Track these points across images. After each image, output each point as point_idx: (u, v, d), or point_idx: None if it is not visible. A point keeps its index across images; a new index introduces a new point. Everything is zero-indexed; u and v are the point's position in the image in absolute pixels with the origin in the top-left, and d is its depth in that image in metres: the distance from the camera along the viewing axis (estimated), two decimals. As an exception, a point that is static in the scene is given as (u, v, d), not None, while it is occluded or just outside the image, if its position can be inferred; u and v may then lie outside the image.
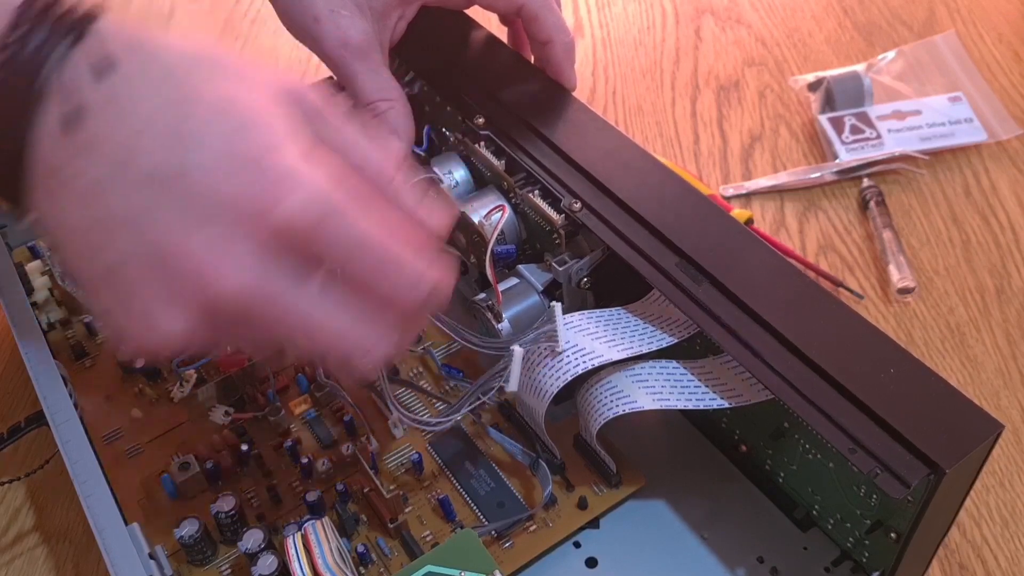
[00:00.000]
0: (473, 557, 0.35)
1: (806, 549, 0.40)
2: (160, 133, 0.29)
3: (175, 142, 0.29)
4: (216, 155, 0.29)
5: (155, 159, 0.29)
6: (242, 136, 0.30)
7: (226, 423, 0.45)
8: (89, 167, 0.29)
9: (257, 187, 0.29)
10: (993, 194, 0.60)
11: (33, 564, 0.44)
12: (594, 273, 0.42)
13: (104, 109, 0.29)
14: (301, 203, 0.29)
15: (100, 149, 0.29)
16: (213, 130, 0.29)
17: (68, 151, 0.29)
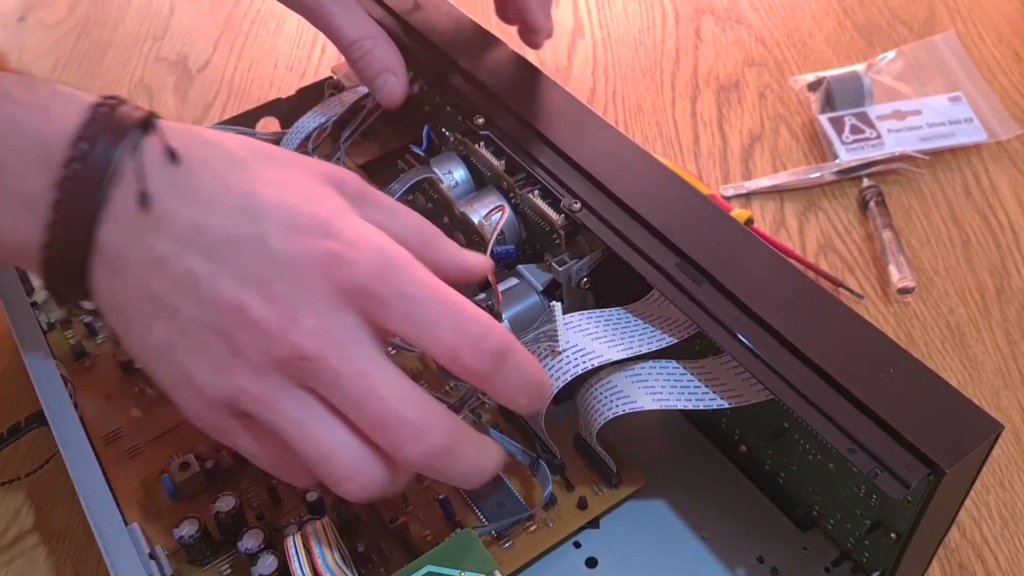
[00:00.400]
0: (473, 557, 0.35)
1: (806, 549, 0.40)
2: (229, 208, 0.31)
3: (246, 215, 0.31)
4: (284, 223, 0.31)
5: (225, 230, 0.31)
6: (305, 207, 0.32)
7: (226, 423, 0.45)
8: (158, 242, 0.31)
9: (325, 243, 0.31)
10: (993, 194, 0.60)
11: (33, 564, 0.44)
12: (594, 273, 0.42)
13: (174, 189, 0.31)
14: (365, 253, 0.31)
15: (171, 225, 0.31)
16: (278, 204, 0.32)
17: (139, 229, 0.31)
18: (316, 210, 0.32)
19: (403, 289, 0.31)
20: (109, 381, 0.48)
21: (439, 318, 0.32)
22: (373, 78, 0.47)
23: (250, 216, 0.31)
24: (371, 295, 0.31)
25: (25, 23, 0.80)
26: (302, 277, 0.31)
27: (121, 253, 0.31)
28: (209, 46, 0.77)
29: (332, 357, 0.31)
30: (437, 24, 0.52)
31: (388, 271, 0.31)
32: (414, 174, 0.48)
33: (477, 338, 0.32)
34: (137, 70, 0.75)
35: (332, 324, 0.31)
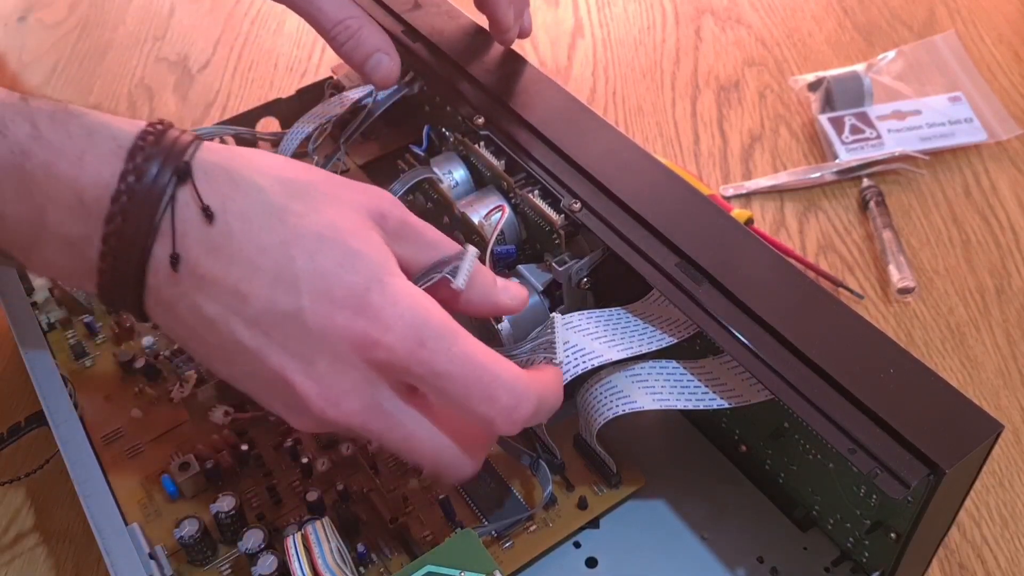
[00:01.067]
0: (473, 557, 0.35)
1: (806, 549, 0.40)
2: (268, 275, 0.32)
3: (283, 285, 0.32)
4: (320, 295, 0.32)
5: (265, 301, 0.32)
6: (342, 275, 0.32)
7: (226, 423, 0.45)
8: (203, 304, 0.32)
9: (360, 323, 0.32)
10: (993, 194, 0.60)
11: (33, 564, 0.44)
12: (594, 273, 0.42)
13: (211, 251, 0.31)
14: (399, 334, 0.32)
15: (211, 290, 0.32)
16: (314, 272, 0.32)
17: (178, 288, 0.32)
18: (352, 280, 0.32)
19: (436, 368, 0.32)
20: (109, 381, 0.48)
21: (471, 394, 0.33)
22: (364, 60, 0.46)
23: (288, 287, 0.32)
24: (406, 372, 0.33)
25: (25, 23, 0.80)
26: (340, 356, 0.32)
27: (171, 303, 0.33)
28: (209, 46, 0.77)
29: (375, 428, 0.33)
30: (437, 24, 0.52)
31: (421, 352, 0.32)
32: (414, 174, 0.48)
33: (510, 410, 0.33)
34: (137, 70, 0.75)
35: (372, 398, 0.33)
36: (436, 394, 0.33)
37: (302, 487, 0.43)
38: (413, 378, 0.33)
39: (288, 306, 0.32)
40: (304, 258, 0.32)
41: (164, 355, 0.48)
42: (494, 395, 0.33)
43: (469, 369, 0.32)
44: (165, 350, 0.48)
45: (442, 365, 0.32)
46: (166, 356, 0.48)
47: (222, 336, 0.32)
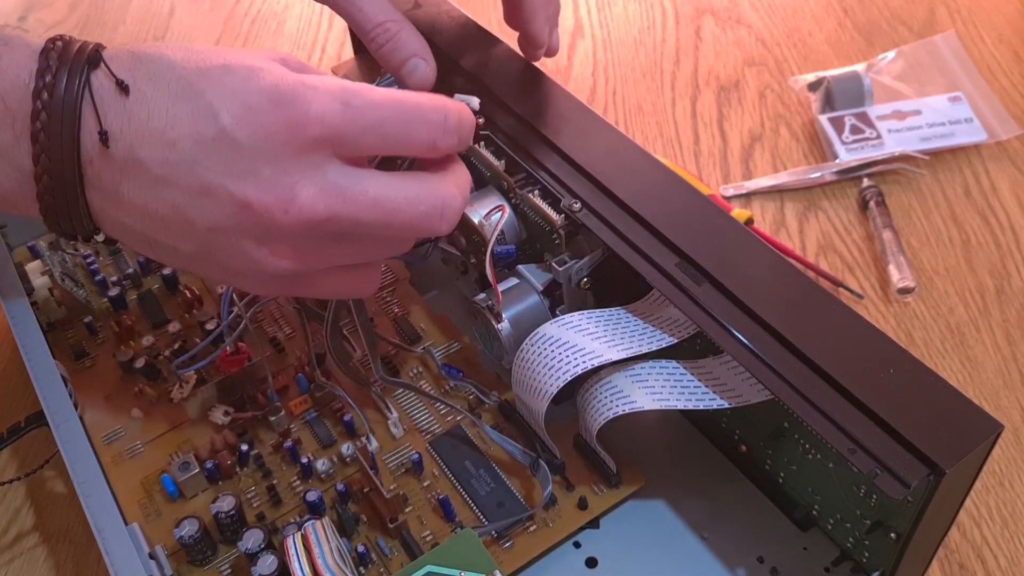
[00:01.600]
0: (473, 557, 0.35)
1: (806, 549, 0.40)
2: (186, 115, 0.33)
3: (202, 116, 0.33)
4: (238, 107, 0.33)
5: (191, 138, 0.32)
6: (250, 81, 0.33)
7: (226, 423, 0.45)
8: (141, 172, 0.33)
9: (283, 112, 0.33)
10: (993, 194, 0.60)
11: (33, 564, 0.44)
12: (594, 273, 0.42)
13: (131, 120, 0.33)
14: (322, 103, 0.33)
15: (144, 153, 0.33)
16: (224, 92, 0.33)
17: (115, 167, 0.33)
18: (261, 84, 0.33)
19: (368, 117, 0.34)
20: (109, 381, 0.48)
21: (409, 124, 0.35)
22: (401, 63, 0.46)
23: (206, 115, 0.32)
24: (344, 136, 0.34)
25: (25, 23, 0.80)
26: (277, 152, 0.33)
27: (113, 191, 0.33)
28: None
29: (342, 209, 0.34)
30: (437, 24, 0.51)
31: (348, 111, 0.33)
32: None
33: (441, 123, 0.35)
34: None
35: (324, 180, 0.33)
36: (378, 145, 0.35)
37: (302, 487, 0.43)
38: (351, 140, 0.34)
39: (212, 131, 0.32)
40: (213, 86, 0.33)
41: (164, 355, 0.48)
42: (424, 116, 0.35)
43: (396, 106, 0.34)
44: (165, 350, 0.48)
45: (372, 113, 0.34)
46: (166, 356, 0.48)
47: (170, 197, 0.33)
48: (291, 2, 0.82)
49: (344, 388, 0.46)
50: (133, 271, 0.52)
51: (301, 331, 0.49)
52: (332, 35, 0.77)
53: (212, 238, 0.34)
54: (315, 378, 0.46)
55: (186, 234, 0.34)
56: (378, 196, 0.34)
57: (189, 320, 0.50)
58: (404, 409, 0.46)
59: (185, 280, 0.52)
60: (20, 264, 0.51)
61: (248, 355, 0.46)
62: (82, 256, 0.53)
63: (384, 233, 0.36)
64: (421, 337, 0.49)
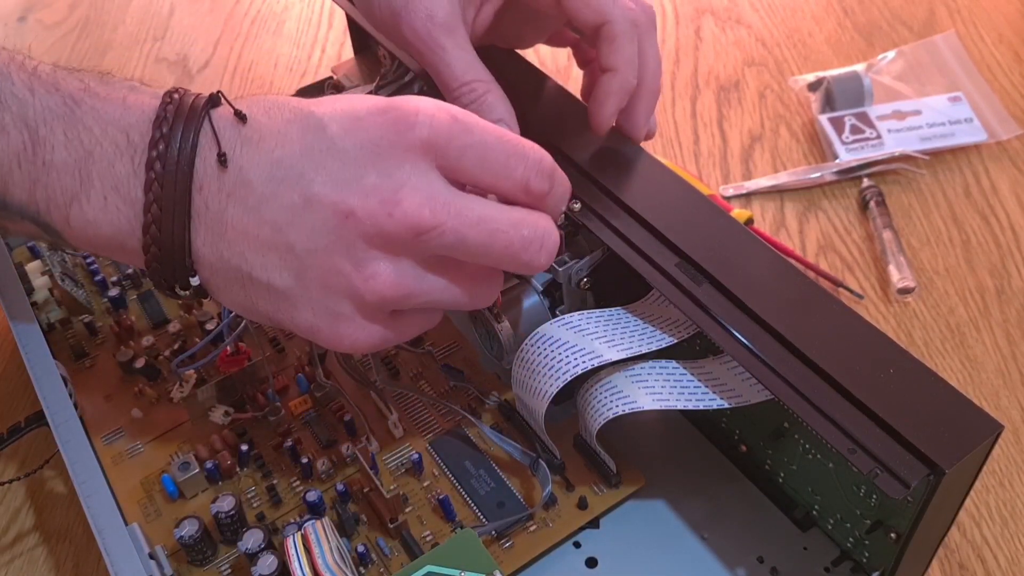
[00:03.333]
0: (473, 557, 0.35)
1: (806, 549, 0.40)
2: (296, 134, 0.34)
3: (310, 132, 0.34)
4: (346, 121, 0.34)
5: (299, 149, 0.33)
6: (360, 100, 0.34)
7: (226, 423, 0.45)
8: (248, 193, 0.33)
9: (390, 116, 0.33)
10: (993, 194, 0.60)
11: (33, 564, 0.44)
12: (594, 273, 0.42)
13: (246, 142, 0.34)
14: (431, 109, 0.34)
15: (252, 171, 0.33)
16: (335, 110, 0.34)
17: (225, 188, 0.33)
18: (370, 100, 0.34)
19: (474, 136, 0.34)
20: (109, 381, 0.48)
21: (510, 155, 0.35)
22: None
23: (315, 129, 0.33)
24: (448, 148, 0.34)
25: (25, 23, 0.80)
26: (382, 156, 0.33)
27: (218, 217, 0.33)
28: (209, 46, 0.77)
29: (447, 220, 0.33)
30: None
31: (456, 124, 0.34)
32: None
33: (538, 165, 0.35)
34: (137, 70, 0.75)
35: (430, 188, 0.33)
36: (478, 165, 0.34)
37: (302, 487, 0.43)
38: (454, 155, 0.34)
39: (319, 143, 0.33)
40: (323, 107, 0.34)
41: (164, 355, 0.48)
42: (524, 153, 0.35)
43: (500, 134, 0.35)
44: (165, 350, 0.48)
45: (477, 133, 0.34)
46: (166, 356, 0.48)
47: (273, 217, 0.33)
48: (291, 2, 0.82)
49: (344, 388, 0.46)
50: (133, 271, 0.52)
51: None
52: (332, 35, 0.77)
53: (310, 263, 0.34)
54: (315, 378, 0.46)
55: (284, 262, 0.34)
56: (483, 214, 0.34)
57: (189, 320, 0.50)
58: (404, 409, 0.46)
59: (185, 280, 0.52)
60: (20, 264, 0.51)
61: (248, 355, 0.46)
62: (82, 256, 0.53)
63: (485, 255, 0.35)
64: (421, 337, 0.49)
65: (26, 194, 0.34)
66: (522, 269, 0.36)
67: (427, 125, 0.33)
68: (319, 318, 0.35)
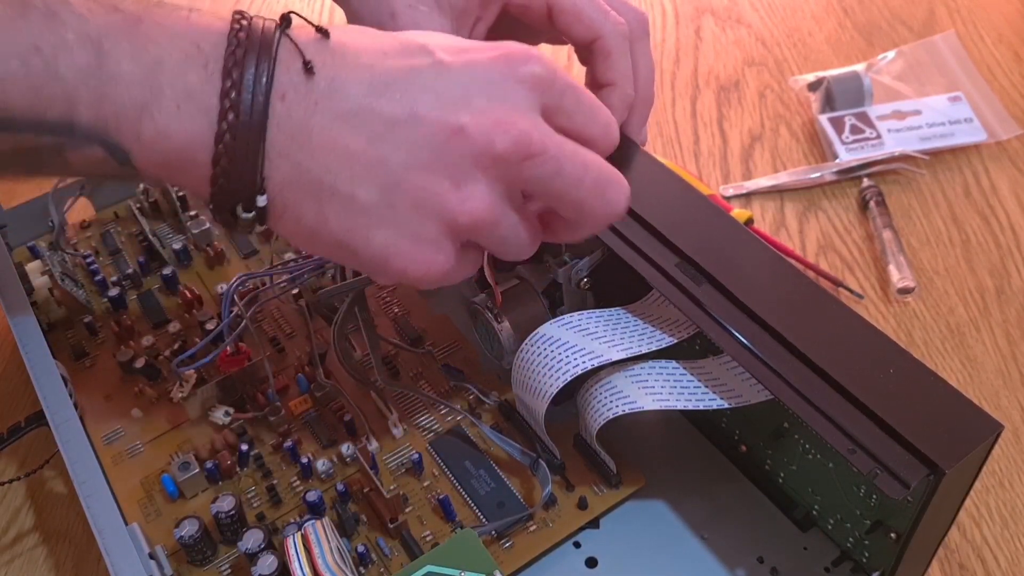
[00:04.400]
0: (473, 557, 0.35)
1: (806, 549, 0.40)
2: (393, 50, 0.33)
3: (409, 50, 0.33)
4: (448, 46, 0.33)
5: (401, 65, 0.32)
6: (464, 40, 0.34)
7: (226, 423, 0.45)
8: (340, 102, 0.32)
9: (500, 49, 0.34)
10: (993, 194, 0.60)
11: (33, 564, 0.44)
12: (594, 273, 0.42)
13: (334, 54, 0.32)
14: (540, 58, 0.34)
15: (346, 83, 0.32)
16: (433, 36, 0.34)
17: (312, 98, 0.31)
18: (467, 39, 0.34)
19: (571, 82, 0.35)
20: (109, 381, 0.48)
21: (594, 102, 0.35)
22: None
23: (419, 51, 0.32)
24: (553, 87, 0.34)
25: (25, 23, 0.80)
26: (494, 84, 0.33)
27: (302, 125, 0.32)
28: (209, 46, 0.77)
29: (551, 147, 0.33)
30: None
31: (559, 72, 0.34)
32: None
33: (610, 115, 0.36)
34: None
35: (536, 120, 0.33)
36: (575, 107, 0.35)
37: (302, 487, 0.43)
38: (555, 97, 0.34)
39: (423, 62, 0.32)
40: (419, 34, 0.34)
41: (164, 355, 0.48)
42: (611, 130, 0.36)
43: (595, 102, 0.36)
44: (165, 350, 0.48)
45: (571, 80, 0.34)
46: (166, 356, 0.48)
47: (369, 128, 0.32)
48: (291, 2, 0.81)
49: (344, 388, 0.46)
50: (133, 271, 0.52)
51: (302, 331, 0.49)
52: (332, 35, 0.77)
53: (403, 178, 0.32)
54: (315, 378, 0.46)
55: (373, 175, 0.32)
56: (577, 149, 0.34)
57: (189, 320, 0.50)
58: (404, 409, 0.46)
59: (185, 280, 0.52)
60: (20, 264, 0.51)
61: (248, 355, 0.46)
62: (82, 256, 0.53)
63: (576, 187, 0.34)
64: (421, 337, 0.49)
65: (94, 112, 0.31)
66: (604, 207, 0.35)
67: (539, 62, 0.33)
68: (400, 238, 0.33)
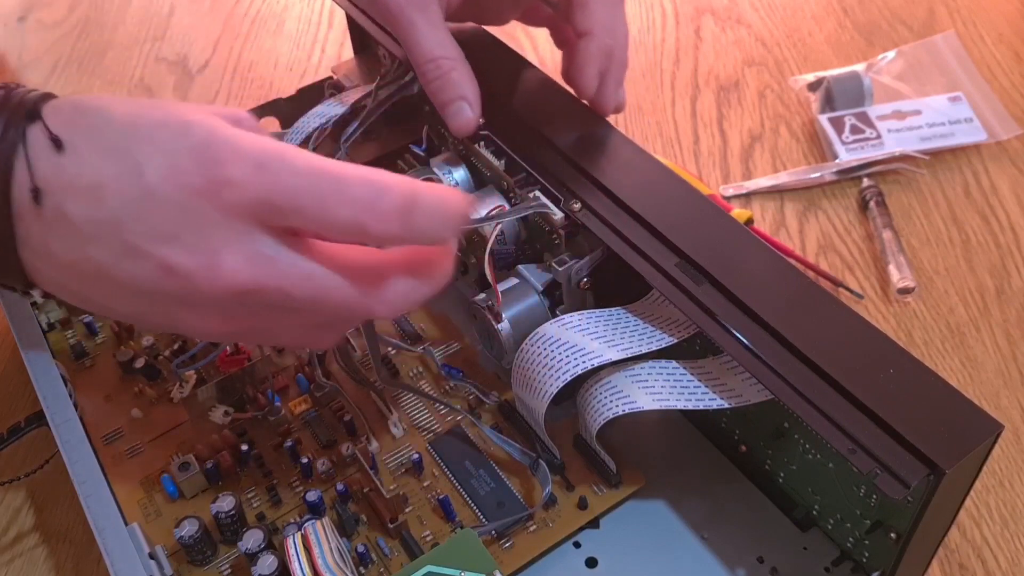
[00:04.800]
0: (473, 557, 0.35)
1: (806, 549, 0.40)
2: (114, 170, 0.32)
3: (128, 173, 0.32)
4: (164, 166, 0.31)
5: (117, 194, 0.32)
6: (180, 139, 0.32)
7: (226, 423, 0.45)
8: (70, 228, 0.32)
9: (204, 173, 0.31)
10: (993, 194, 0.60)
11: (33, 564, 0.44)
12: (594, 273, 0.42)
13: (62, 174, 0.32)
14: (237, 166, 0.31)
15: (73, 208, 0.32)
16: (156, 145, 0.32)
17: (46, 224, 0.32)
18: (190, 141, 0.32)
19: (283, 186, 0.31)
20: (109, 381, 0.48)
21: (327, 201, 0.31)
22: (446, 103, 0.45)
23: (132, 174, 0.31)
24: (264, 204, 0.31)
25: (25, 23, 0.80)
26: (200, 216, 0.31)
27: (43, 246, 0.33)
28: (209, 46, 0.77)
29: (269, 280, 0.32)
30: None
31: (263, 176, 0.31)
32: (415, 174, 0.48)
33: (372, 203, 0.31)
34: (137, 70, 0.75)
35: (250, 249, 0.32)
36: (297, 216, 0.32)
37: (302, 487, 0.43)
38: (274, 209, 0.31)
39: (137, 190, 0.31)
40: (143, 144, 0.32)
41: (164, 355, 0.48)
42: (346, 192, 0.31)
43: (315, 177, 0.31)
44: (165, 350, 0.48)
45: (288, 181, 0.31)
46: (166, 356, 0.48)
47: (97, 256, 0.32)
48: (291, 2, 0.82)
49: (344, 388, 0.46)
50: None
51: (301, 331, 0.49)
52: (332, 35, 0.77)
53: (141, 300, 0.33)
54: (315, 378, 0.46)
55: (116, 295, 0.34)
56: (311, 271, 0.32)
57: (189, 320, 0.50)
58: (404, 409, 0.46)
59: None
60: (20, 264, 0.51)
61: (248, 355, 0.46)
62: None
63: (317, 311, 0.34)
64: (421, 337, 0.49)
65: None
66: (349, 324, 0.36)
67: (231, 185, 0.31)
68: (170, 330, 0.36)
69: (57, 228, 0.32)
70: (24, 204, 0.32)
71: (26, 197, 0.32)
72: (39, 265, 0.34)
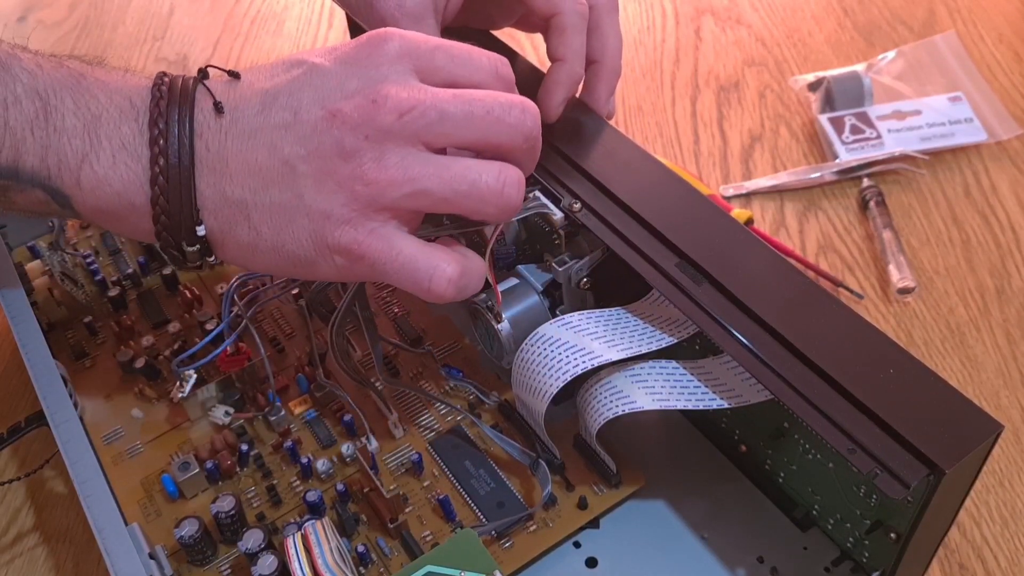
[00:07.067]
0: (473, 557, 0.35)
1: (806, 549, 0.40)
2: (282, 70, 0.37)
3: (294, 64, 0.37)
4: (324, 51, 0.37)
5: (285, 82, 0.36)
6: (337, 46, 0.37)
7: (226, 423, 0.45)
8: (244, 125, 0.36)
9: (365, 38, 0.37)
10: (993, 194, 0.60)
11: (33, 564, 0.44)
12: (594, 273, 0.42)
13: (237, 92, 0.37)
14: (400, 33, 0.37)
15: (245, 108, 0.36)
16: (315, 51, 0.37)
17: (222, 129, 0.36)
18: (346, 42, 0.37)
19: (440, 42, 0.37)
20: (109, 381, 0.48)
21: (471, 52, 0.38)
22: None
23: (297, 63, 0.37)
24: (420, 52, 0.36)
25: (25, 23, 0.80)
26: (361, 65, 0.36)
27: (219, 155, 0.36)
28: (209, 46, 0.77)
29: (426, 98, 0.35)
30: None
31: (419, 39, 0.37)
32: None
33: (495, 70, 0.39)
34: (137, 70, 0.75)
35: (410, 83, 0.36)
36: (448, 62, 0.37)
37: (302, 487, 0.43)
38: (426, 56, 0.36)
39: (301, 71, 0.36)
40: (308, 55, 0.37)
41: (164, 355, 0.48)
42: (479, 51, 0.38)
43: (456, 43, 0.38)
44: (165, 350, 0.48)
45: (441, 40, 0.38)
46: (166, 356, 0.48)
47: (266, 138, 0.35)
48: (291, 2, 0.82)
49: (344, 388, 0.46)
50: (133, 271, 0.52)
51: (302, 331, 0.49)
52: (332, 35, 0.77)
53: (303, 169, 0.35)
54: (315, 378, 0.46)
55: (281, 178, 0.35)
56: (460, 92, 0.36)
57: (189, 320, 0.50)
58: (404, 409, 0.46)
59: (185, 280, 0.52)
60: (20, 264, 0.51)
61: (248, 355, 0.46)
62: (82, 256, 0.53)
63: (468, 125, 0.36)
64: (421, 337, 0.49)
65: (38, 160, 0.35)
66: (509, 130, 0.37)
67: (397, 37, 0.36)
68: (315, 223, 0.36)
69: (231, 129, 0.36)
70: (204, 121, 0.36)
71: (207, 115, 0.36)
72: (213, 181, 0.36)
